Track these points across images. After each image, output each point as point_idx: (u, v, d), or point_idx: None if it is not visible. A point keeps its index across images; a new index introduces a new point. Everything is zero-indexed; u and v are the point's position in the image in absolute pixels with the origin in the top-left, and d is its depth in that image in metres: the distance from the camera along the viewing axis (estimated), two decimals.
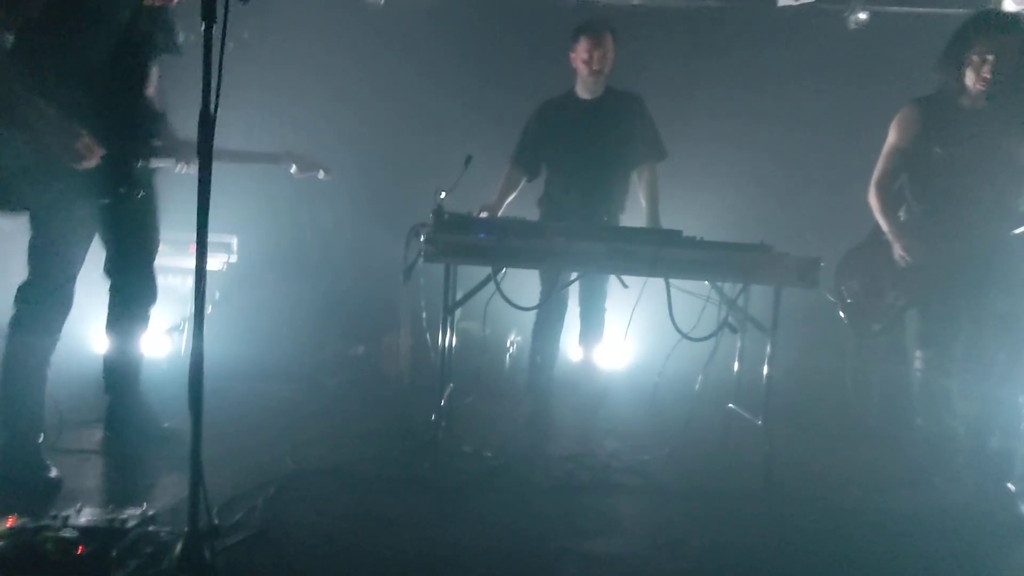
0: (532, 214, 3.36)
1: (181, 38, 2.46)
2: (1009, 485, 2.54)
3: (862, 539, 2.26)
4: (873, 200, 2.93)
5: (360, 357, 4.39)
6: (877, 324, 3.00)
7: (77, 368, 2.91)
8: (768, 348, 2.61)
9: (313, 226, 5.09)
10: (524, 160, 3.37)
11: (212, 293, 4.21)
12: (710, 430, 3.11)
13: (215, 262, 4.22)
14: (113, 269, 2.52)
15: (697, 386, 3.00)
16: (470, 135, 3.59)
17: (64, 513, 1.68)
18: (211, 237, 1.63)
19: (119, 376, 2.62)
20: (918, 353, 2.85)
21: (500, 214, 3.26)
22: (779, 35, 4.77)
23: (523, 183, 3.41)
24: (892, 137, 2.90)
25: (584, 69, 3.17)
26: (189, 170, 2.56)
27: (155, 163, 2.50)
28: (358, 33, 4.87)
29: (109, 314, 2.56)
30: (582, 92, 3.25)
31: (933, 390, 2.80)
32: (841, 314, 3.12)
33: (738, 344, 2.91)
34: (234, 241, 4.29)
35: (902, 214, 2.91)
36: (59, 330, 2.29)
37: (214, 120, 1.58)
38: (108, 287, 2.55)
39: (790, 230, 3.99)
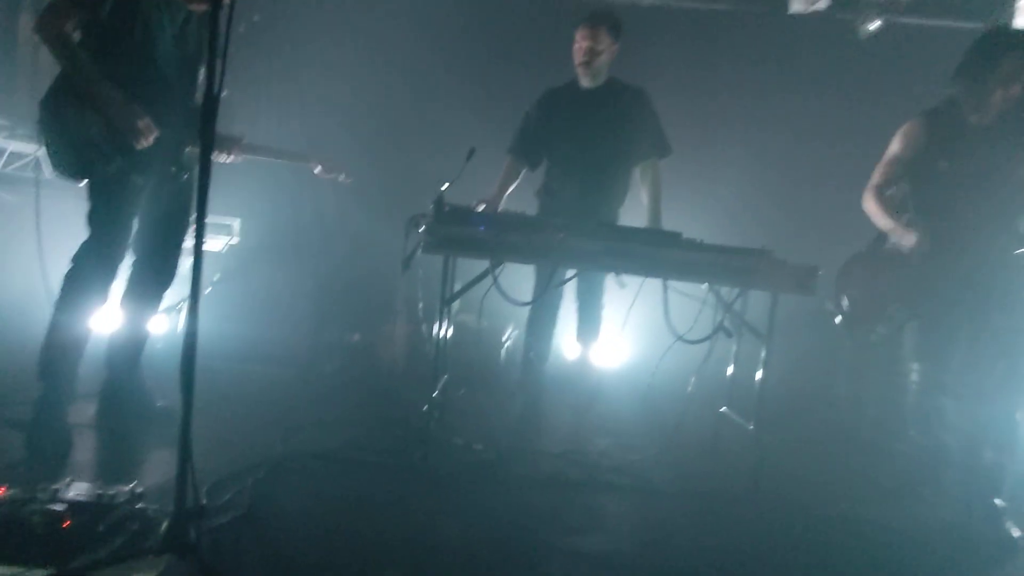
0: (532, 206, 3.34)
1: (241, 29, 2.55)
2: (997, 501, 2.55)
3: (847, 548, 2.27)
4: (869, 205, 2.89)
5: (356, 344, 4.40)
6: (875, 335, 3.00)
7: None
8: (763, 353, 2.61)
9: (314, 212, 5.09)
10: (524, 149, 3.32)
11: (212, 274, 4.22)
12: (701, 433, 3.12)
13: (216, 243, 4.23)
14: (141, 246, 2.61)
15: (690, 388, 3.00)
16: (475, 127, 3.58)
17: (54, 486, 1.69)
18: (214, 218, 1.64)
19: (122, 352, 2.66)
20: (914, 366, 2.84)
21: (500, 206, 3.25)
22: (789, 42, 4.76)
23: (523, 174, 3.37)
24: (895, 146, 2.88)
25: (576, 58, 3.14)
26: (229, 160, 2.78)
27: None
28: (367, 21, 4.87)
29: (127, 289, 2.65)
30: (582, 81, 3.21)
31: (927, 403, 2.79)
32: (838, 322, 3.11)
33: (733, 348, 2.91)
34: (236, 223, 4.29)
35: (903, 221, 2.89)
36: (105, 294, 2.46)
37: (218, 102, 1.58)
38: (132, 263, 2.63)
39: (793, 236, 3.99)
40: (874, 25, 4.68)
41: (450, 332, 2.87)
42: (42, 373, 2.37)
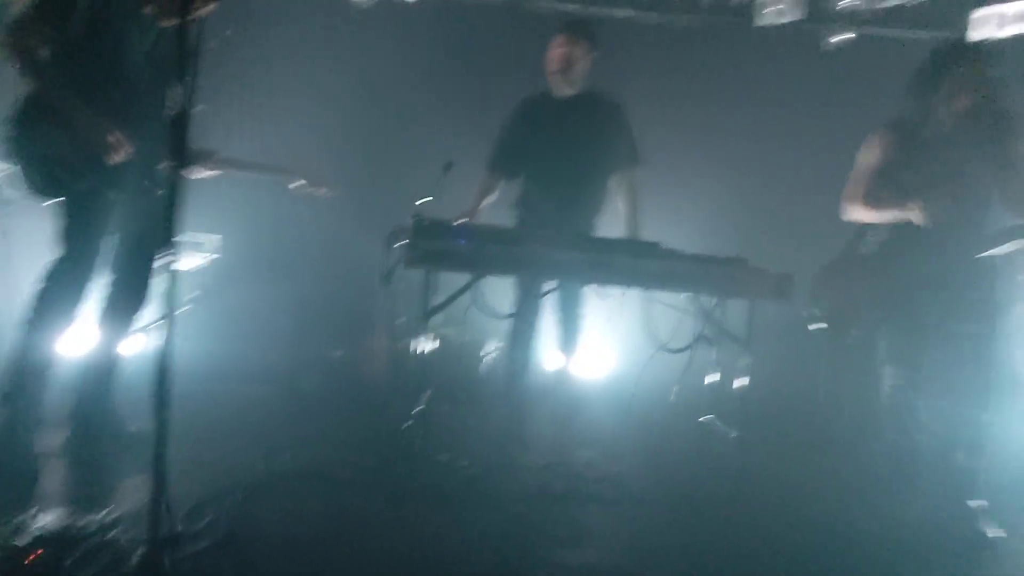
0: (508, 217, 3.34)
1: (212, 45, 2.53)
2: (971, 502, 2.58)
3: (829, 550, 2.28)
4: (852, 211, 2.93)
5: (338, 361, 4.35)
6: (851, 338, 3.04)
7: None
8: (743, 360, 2.63)
9: (294, 227, 5.04)
10: (501, 163, 3.32)
11: (190, 292, 4.15)
12: (685, 441, 3.12)
13: (194, 260, 4.16)
14: (114, 265, 2.56)
15: (673, 397, 3.01)
16: (453, 140, 3.58)
17: (18, 517, 1.63)
18: (192, 235, 1.61)
19: (93, 375, 2.59)
20: (888, 369, 2.89)
21: (477, 218, 3.25)
22: (756, 54, 4.84)
23: (500, 185, 3.38)
24: (862, 159, 2.94)
25: (549, 68, 3.16)
26: (204, 175, 2.75)
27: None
28: (344, 34, 4.86)
29: (100, 310, 2.58)
30: (557, 92, 3.22)
31: (902, 406, 2.83)
32: (813, 327, 3.15)
33: (714, 356, 2.93)
34: (216, 239, 4.23)
35: (871, 236, 2.95)
36: (74, 314, 2.40)
37: (188, 118, 1.56)
38: (107, 282, 2.57)
39: (769, 244, 4.04)
40: (839, 37, 4.78)
41: (432, 347, 2.85)
42: (6, 397, 2.29)
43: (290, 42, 4.78)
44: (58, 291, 2.34)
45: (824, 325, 3.11)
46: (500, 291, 3.16)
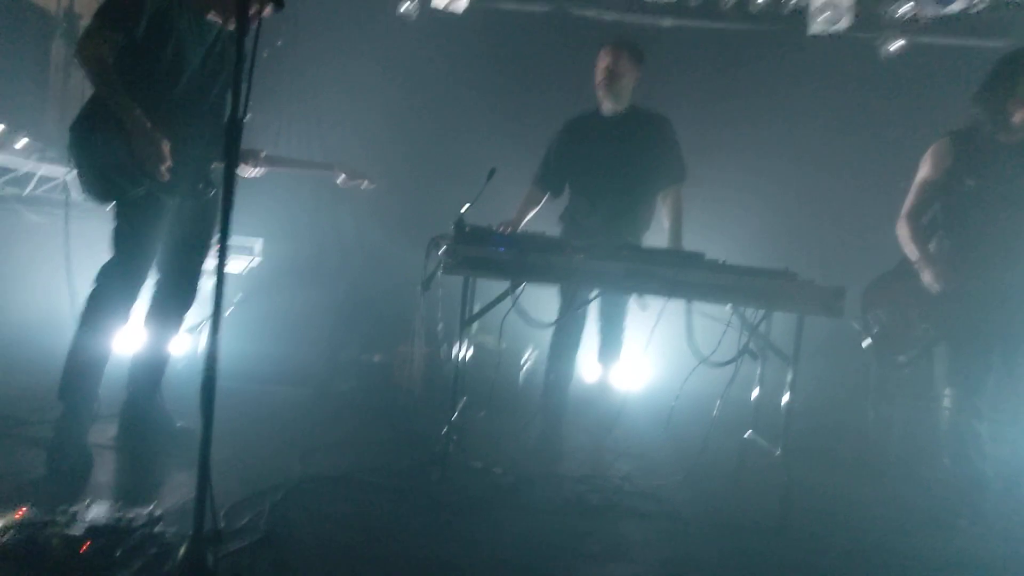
0: (554, 229, 3.34)
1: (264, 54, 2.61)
2: None
3: None
4: (902, 231, 2.89)
5: (375, 365, 4.39)
6: (904, 356, 2.93)
7: None
8: (789, 376, 2.55)
9: (335, 232, 5.13)
10: (548, 179, 3.35)
11: (234, 294, 4.25)
12: (726, 458, 3.04)
13: (238, 264, 4.26)
14: (164, 266, 2.62)
15: (715, 412, 2.93)
16: (495, 148, 3.59)
17: (72, 508, 1.68)
18: (236, 239, 1.64)
19: (143, 373, 2.67)
20: (947, 391, 2.77)
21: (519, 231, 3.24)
22: (810, 63, 4.74)
23: (544, 200, 3.39)
24: (924, 170, 2.86)
25: (596, 81, 3.17)
26: (252, 174, 2.83)
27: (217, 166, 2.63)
28: (390, 44, 4.93)
29: (149, 309, 2.66)
30: (605, 109, 3.22)
31: (962, 430, 2.71)
32: (865, 344, 3.04)
33: (758, 371, 2.85)
34: (259, 244, 4.33)
35: (932, 246, 2.85)
36: (128, 314, 2.46)
37: (241, 125, 1.60)
38: (154, 282, 2.64)
39: (817, 257, 3.94)
40: (895, 45, 4.64)
41: (469, 354, 2.85)
42: (63, 393, 2.37)
43: (338, 52, 4.88)
44: (110, 293, 2.41)
45: (876, 341, 3.01)
46: (539, 300, 3.14)
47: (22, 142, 3.56)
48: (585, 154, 3.24)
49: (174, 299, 2.68)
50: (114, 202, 2.42)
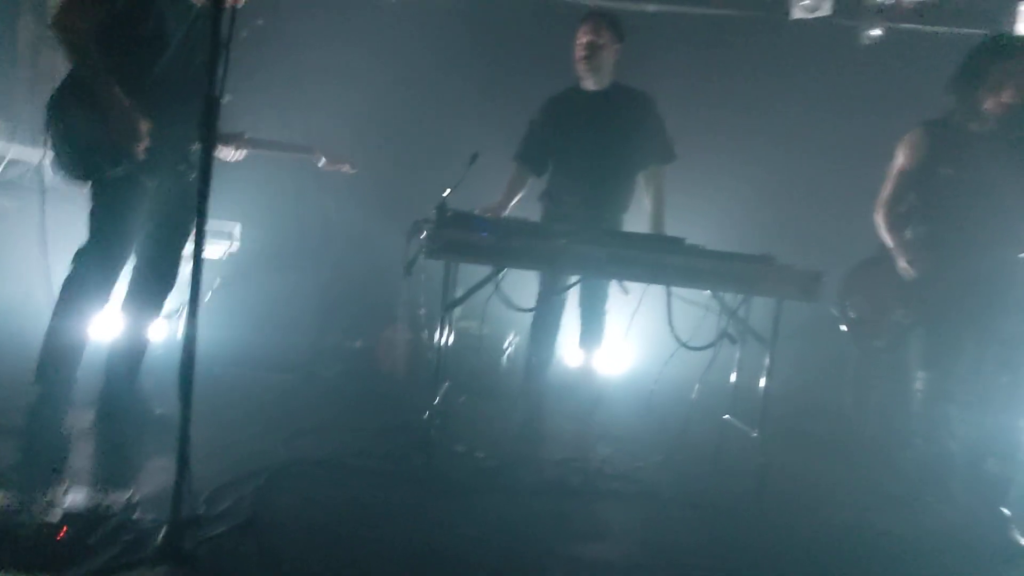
0: (535, 210, 3.32)
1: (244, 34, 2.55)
2: (1004, 510, 2.52)
3: (852, 556, 2.24)
4: (878, 219, 2.93)
5: (357, 350, 4.38)
6: (881, 341, 2.98)
7: None
8: (767, 360, 2.59)
9: (316, 217, 5.08)
10: (530, 156, 3.29)
11: (213, 280, 4.20)
12: (705, 440, 3.09)
13: (217, 249, 4.21)
14: (143, 250, 2.57)
15: (694, 395, 2.97)
16: (478, 132, 3.56)
17: (47, 496, 1.66)
18: (214, 224, 1.62)
19: (121, 359, 2.63)
20: (920, 373, 2.83)
21: (506, 214, 3.23)
22: (791, 48, 4.76)
23: (530, 180, 3.34)
24: (898, 159, 2.90)
25: (576, 56, 3.10)
26: (234, 156, 2.79)
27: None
28: (370, 26, 4.87)
29: (127, 294, 2.61)
30: (586, 85, 3.16)
31: (933, 412, 2.77)
32: (843, 328, 3.09)
33: (737, 355, 2.89)
34: (237, 229, 4.27)
35: (909, 233, 2.90)
36: (106, 299, 2.42)
37: (219, 105, 1.57)
38: (132, 267, 2.59)
39: (796, 242, 3.97)
40: (876, 31, 4.67)
41: (452, 338, 2.85)
42: (39, 377, 2.34)
43: (320, 34, 4.81)
44: (88, 276, 2.36)
45: (853, 326, 3.06)
46: (522, 285, 3.14)
47: None
48: (566, 131, 3.17)
49: (153, 284, 2.63)
50: (91, 182, 2.36)
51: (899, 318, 2.89)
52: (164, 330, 3.79)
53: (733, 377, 2.93)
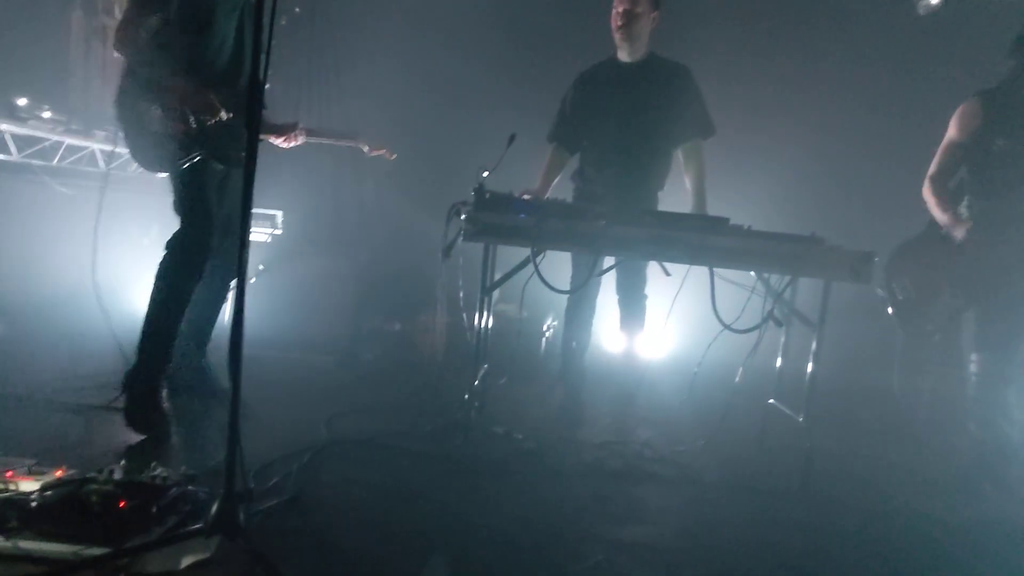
0: (568, 190, 3.28)
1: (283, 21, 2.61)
2: None
3: (901, 544, 2.18)
4: (928, 194, 2.81)
5: (396, 334, 4.43)
6: (931, 324, 2.88)
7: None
8: (813, 343, 2.52)
9: (355, 202, 5.15)
10: (563, 134, 3.21)
11: (256, 264, 4.30)
12: (748, 424, 3.04)
13: (260, 234, 4.31)
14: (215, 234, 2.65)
15: (737, 379, 2.91)
16: (514, 114, 3.53)
17: (110, 467, 1.74)
18: (257, 210, 1.65)
19: (191, 335, 2.75)
20: (974, 356, 2.72)
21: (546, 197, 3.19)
22: (843, 16, 4.57)
23: (567, 160, 3.28)
24: (952, 131, 2.77)
25: (612, 27, 3.02)
26: (292, 144, 2.88)
27: (263, 137, 2.69)
28: (405, 11, 4.87)
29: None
30: (621, 55, 3.08)
31: (989, 396, 2.67)
32: (891, 311, 3.00)
33: (782, 338, 2.82)
34: (279, 215, 4.37)
35: (962, 210, 2.78)
36: (199, 271, 2.52)
37: (263, 91, 1.59)
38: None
39: (841, 221, 3.85)
40: (934, 0, 4.45)
41: (490, 321, 2.85)
42: (140, 352, 2.43)
43: (357, 19, 4.83)
44: (183, 260, 2.46)
45: (901, 308, 2.96)
46: (560, 267, 3.12)
47: (46, 114, 3.60)
48: (600, 105, 3.09)
49: (223, 267, 2.73)
50: (169, 171, 2.47)
51: (949, 299, 2.79)
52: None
53: (778, 361, 2.87)
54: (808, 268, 2.46)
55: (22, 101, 3.45)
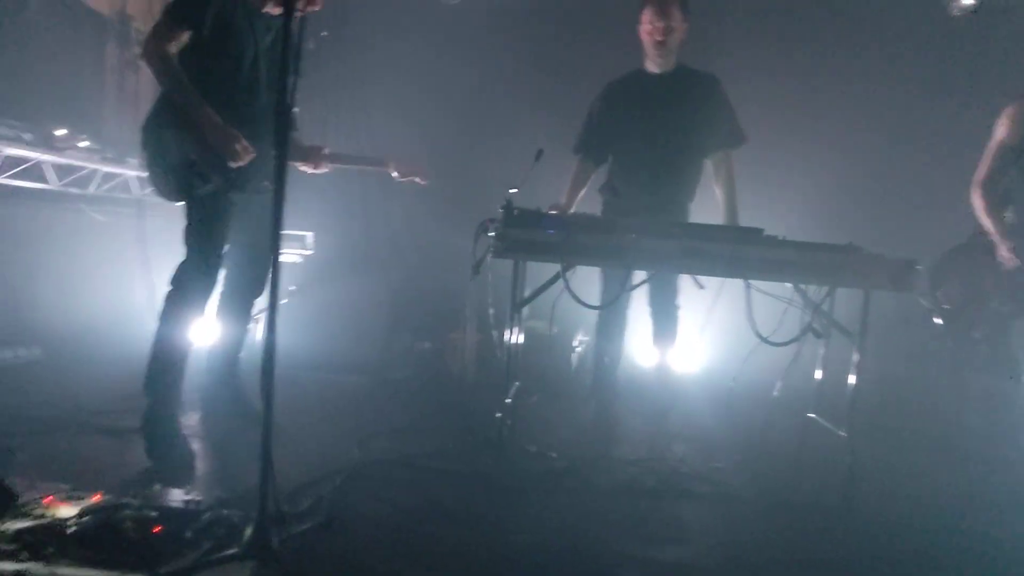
0: (596, 204, 3.25)
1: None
2: None
3: (953, 563, 2.08)
4: (976, 200, 2.73)
5: (426, 352, 4.43)
6: (978, 332, 2.78)
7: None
8: (855, 355, 2.44)
9: (384, 222, 5.18)
10: (590, 147, 3.19)
11: (287, 285, 4.35)
12: (788, 439, 2.95)
13: (291, 255, 4.35)
14: (234, 258, 2.66)
15: (776, 393, 2.83)
16: (540, 130, 3.53)
17: (145, 491, 1.74)
18: (289, 231, 1.66)
19: (220, 362, 2.78)
20: None
21: (572, 210, 3.17)
22: (873, 19, 4.48)
23: (594, 173, 3.25)
24: (1000, 133, 2.69)
25: (648, 40, 2.98)
26: (317, 170, 2.85)
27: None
28: (430, 30, 4.92)
29: (221, 300, 2.72)
30: (650, 66, 3.06)
31: None
32: (937, 320, 2.89)
33: (821, 350, 2.74)
34: (310, 236, 4.41)
35: (1009, 215, 2.68)
36: (204, 308, 2.51)
37: (291, 115, 1.61)
38: (225, 275, 2.68)
39: (878, 230, 3.75)
40: (969, 0, 4.34)
41: (521, 338, 2.83)
42: (148, 389, 2.41)
43: (382, 40, 4.90)
44: (188, 290, 2.44)
45: (947, 317, 2.86)
46: (590, 282, 3.09)
47: (83, 144, 3.69)
48: (629, 116, 3.07)
49: (246, 291, 2.75)
50: (185, 200, 2.44)
51: (997, 306, 2.69)
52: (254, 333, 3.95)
53: (818, 374, 2.79)
54: (847, 278, 2.39)
55: (60, 132, 3.55)
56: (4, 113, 3.28)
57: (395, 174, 3.09)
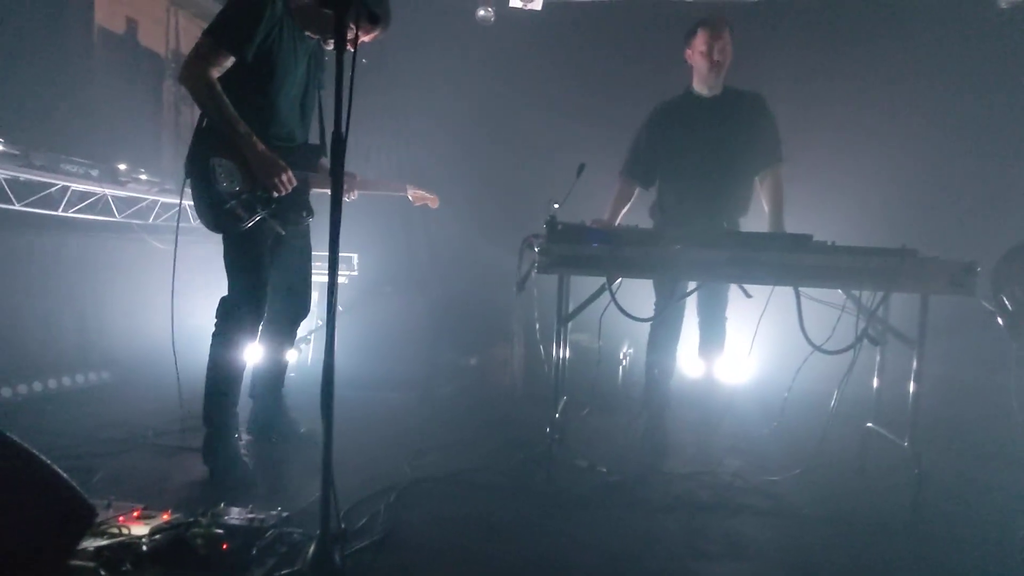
0: (645, 223, 3.25)
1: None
2: None
3: None
4: None
5: (472, 368, 4.46)
6: None
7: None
8: (914, 362, 2.36)
9: (426, 241, 5.27)
10: (637, 170, 3.20)
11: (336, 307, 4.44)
12: (847, 451, 2.87)
13: (340, 277, 4.45)
14: (277, 285, 2.66)
15: (833, 403, 2.76)
16: (582, 145, 3.55)
17: (211, 511, 1.81)
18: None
19: (265, 385, 2.84)
20: None
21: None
22: (918, 20, 4.37)
23: (636, 194, 3.27)
24: None
25: (703, 62, 2.98)
26: (349, 198, 2.84)
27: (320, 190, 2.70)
28: (469, 50, 5.01)
29: (265, 325, 2.71)
30: (700, 89, 3.07)
31: None
32: (1001, 323, 2.78)
33: (877, 358, 2.66)
34: (355, 258, 4.52)
35: None
36: (255, 334, 2.56)
37: (345, 141, 1.66)
38: (274, 300, 2.68)
39: (931, 231, 3.63)
40: None
41: (567, 352, 2.83)
42: (207, 420, 2.47)
43: (421, 63, 5.01)
44: (237, 323, 2.46)
45: (1012, 319, 2.74)
46: (634, 295, 3.08)
47: (143, 176, 3.88)
48: (679, 139, 3.08)
49: (289, 313, 2.80)
50: (226, 232, 2.43)
51: None
52: (295, 355, 4.06)
53: (875, 382, 2.71)
54: (902, 282, 2.32)
55: (122, 166, 3.73)
56: (74, 151, 3.47)
57: (410, 197, 3.17)
